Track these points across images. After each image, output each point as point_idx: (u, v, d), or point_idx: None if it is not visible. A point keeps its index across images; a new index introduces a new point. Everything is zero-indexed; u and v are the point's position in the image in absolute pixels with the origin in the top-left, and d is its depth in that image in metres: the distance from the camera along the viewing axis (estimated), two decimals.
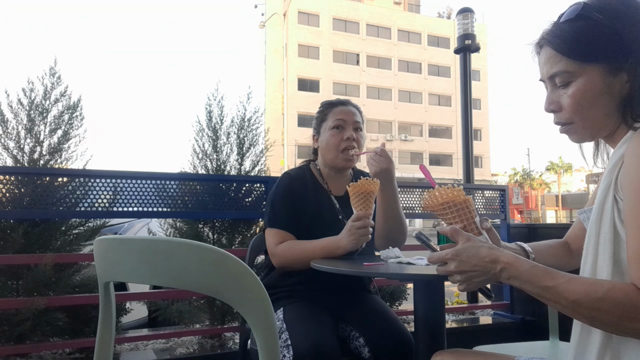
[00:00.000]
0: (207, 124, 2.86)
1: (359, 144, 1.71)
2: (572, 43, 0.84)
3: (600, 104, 0.84)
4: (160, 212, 2.39)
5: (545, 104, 0.90)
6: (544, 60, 0.89)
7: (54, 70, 2.53)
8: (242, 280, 0.74)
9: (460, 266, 0.86)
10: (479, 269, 0.84)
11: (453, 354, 1.06)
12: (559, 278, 0.76)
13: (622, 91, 0.81)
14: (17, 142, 2.39)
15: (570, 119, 0.87)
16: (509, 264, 0.81)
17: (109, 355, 0.88)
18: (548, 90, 0.90)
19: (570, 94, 0.85)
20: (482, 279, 0.85)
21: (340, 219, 1.66)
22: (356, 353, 1.48)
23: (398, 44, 39.75)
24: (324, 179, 1.74)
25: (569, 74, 0.85)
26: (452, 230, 0.90)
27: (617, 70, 0.81)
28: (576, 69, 0.84)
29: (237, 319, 2.51)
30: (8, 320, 2.07)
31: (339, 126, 1.68)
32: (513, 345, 1.61)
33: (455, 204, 1.02)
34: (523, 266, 0.80)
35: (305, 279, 1.56)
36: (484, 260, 0.84)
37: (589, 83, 0.83)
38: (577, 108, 0.85)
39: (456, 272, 0.87)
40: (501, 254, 0.83)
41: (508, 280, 0.82)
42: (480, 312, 3.23)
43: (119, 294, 2.23)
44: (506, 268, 0.81)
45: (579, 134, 0.89)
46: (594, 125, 0.86)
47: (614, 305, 0.70)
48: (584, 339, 0.82)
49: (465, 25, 3.51)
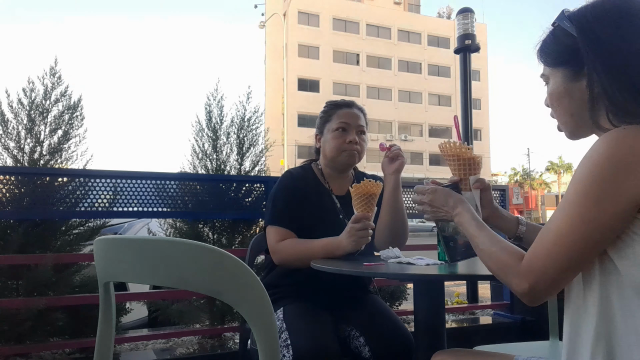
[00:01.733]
0: (206, 124, 2.86)
1: (362, 147, 1.70)
2: (543, 48, 0.93)
3: (563, 106, 0.91)
4: (160, 212, 2.39)
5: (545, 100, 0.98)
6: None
7: (54, 70, 2.53)
8: (242, 280, 0.74)
9: (431, 200, 1.12)
10: (443, 209, 1.10)
11: (453, 354, 1.06)
12: (482, 231, 0.95)
13: (583, 96, 0.86)
14: (17, 142, 2.40)
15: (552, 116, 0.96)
16: (459, 213, 1.04)
17: (109, 355, 0.88)
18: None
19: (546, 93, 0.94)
20: (442, 215, 1.10)
21: (341, 218, 1.66)
22: (356, 353, 1.48)
23: (398, 44, 39.76)
24: (326, 178, 1.74)
25: (544, 76, 0.95)
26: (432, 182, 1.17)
27: (577, 75, 0.86)
28: (547, 72, 0.93)
29: (237, 319, 2.51)
30: (8, 320, 2.07)
31: (342, 128, 1.68)
32: (513, 345, 1.61)
33: (459, 158, 1.20)
34: (466, 216, 1.02)
35: (306, 278, 1.55)
36: (448, 204, 1.08)
37: (553, 85, 0.92)
38: (551, 108, 0.95)
39: (426, 203, 1.13)
40: (461, 204, 1.05)
41: (458, 224, 1.05)
42: (480, 312, 3.23)
43: (119, 294, 2.22)
44: (457, 214, 1.05)
45: (562, 130, 0.95)
46: (565, 124, 0.93)
47: (497, 259, 0.88)
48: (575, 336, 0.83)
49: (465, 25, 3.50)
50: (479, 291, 3.42)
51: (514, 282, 0.83)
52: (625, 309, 0.75)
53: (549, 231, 0.79)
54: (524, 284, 0.80)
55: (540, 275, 0.79)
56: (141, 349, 2.33)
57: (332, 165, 1.72)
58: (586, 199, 0.75)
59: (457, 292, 4.10)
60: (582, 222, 0.75)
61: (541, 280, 0.79)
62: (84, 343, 2.19)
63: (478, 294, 3.38)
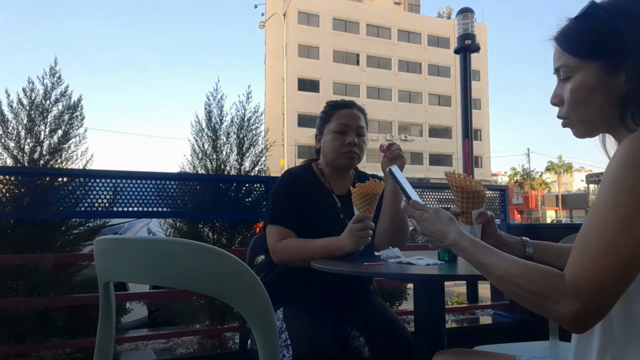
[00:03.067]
0: (206, 124, 2.86)
1: (361, 148, 1.70)
2: (573, 39, 0.85)
3: (593, 101, 0.84)
4: (160, 212, 2.39)
5: (552, 96, 0.92)
6: (553, 54, 0.90)
7: (54, 70, 2.53)
8: (242, 280, 0.74)
9: (422, 229, 1.06)
10: (437, 236, 1.02)
11: (454, 353, 1.06)
12: (491, 255, 0.85)
13: (618, 91, 0.81)
14: (17, 142, 2.40)
15: (567, 114, 0.89)
16: (453, 242, 0.96)
17: (109, 355, 0.88)
18: (556, 83, 0.92)
19: (568, 88, 0.86)
20: (439, 244, 1.03)
21: (342, 218, 1.65)
22: (356, 353, 1.48)
23: (398, 44, 39.75)
24: (326, 178, 1.73)
25: (569, 68, 0.86)
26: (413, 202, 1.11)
27: (614, 69, 0.81)
28: (575, 65, 0.85)
29: (237, 319, 2.51)
30: (8, 320, 2.07)
31: (341, 130, 1.67)
32: (513, 345, 1.61)
33: (464, 191, 1.17)
34: (464, 243, 0.92)
35: (306, 279, 1.55)
36: (437, 233, 1.01)
37: (584, 79, 0.84)
38: (572, 103, 0.86)
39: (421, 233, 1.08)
40: (450, 231, 0.97)
41: (457, 252, 0.96)
42: (480, 312, 3.23)
43: (119, 294, 2.22)
44: (452, 245, 0.97)
45: (576, 128, 0.89)
46: (588, 121, 0.87)
47: (531, 283, 0.75)
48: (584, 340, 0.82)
49: (465, 25, 3.51)
50: (479, 291, 3.42)
51: (561, 307, 0.70)
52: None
53: (596, 241, 0.70)
54: (574, 305, 0.69)
55: (594, 293, 0.69)
56: (141, 349, 2.33)
57: (331, 166, 1.71)
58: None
59: (457, 292, 4.10)
60: (636, 228, 0.68)
61: (595, 299, 0.69)
62: (84, 343, 2.19)
63: (478, 294, 3.38)
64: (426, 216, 1.05)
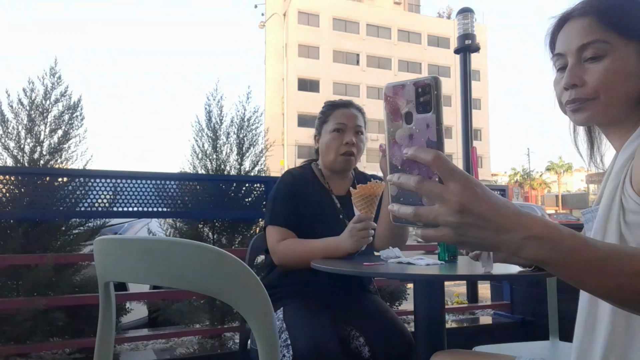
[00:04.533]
0: (206, 124, 2.86)
1: (359, 148, 1.70)
2: (619, 14, 0.79)
3: (628, 85, 0.79)
4: (160, 212, 2.39)
5: (567, 77, 0.83)
6: (575, 32, 0.83)
7: (54, 70, 2.53)
8: (242, 280, 0.74)
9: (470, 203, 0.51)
10: (493, 223, 0.52)
11: (452, 354, 1.06)
12: (616, 246, 0.60)
13: None
14: (17, 142, 2.40)
15: (593, 94, 0.81)
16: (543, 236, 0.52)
17: (109, 355, 0.88)
18: (570, 64, 0.83)
19: (603, 67, 0.80)
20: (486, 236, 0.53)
21: (341, 218, 1.66)
22: (356, 353, 1.48)
23: (398, 44, 39.75)
24: (326, 178, 1.74)
25: (606, 45, 0.79)
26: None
27: None
28: (614, 42, 0.79)
29: (237, 319, 2.51)
30: (8, 320, 2.07)
31: (339, 129, 1.67)
32: (513, 345, 1.61)
33: None
34: (563, 233, 0.53)
35: (305, 278, 1.56)
36: (506, 215, 0.52)
37: (623, 59, 0.79)
38: (607, 83, 0.79)
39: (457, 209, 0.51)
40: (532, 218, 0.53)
41: (535, 255, 0.53)
42: (480, 312, 3.23)
43: (119, 294, 2.22)
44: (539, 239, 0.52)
45: (594, 112, 0.82)
46: (615, 105, 0.80)
47: None
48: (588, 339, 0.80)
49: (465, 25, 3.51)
50: (479, 291, 3.42)
51: None
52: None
53: None
54: None
55: None
56: (141, 349, 2.33)
57: (330, 166, 1.72)
58: None
59: (457, 292, 4.10)
60: None
61: None
62: (84, 343, 2.19)
63: (478, 294, 3.38)
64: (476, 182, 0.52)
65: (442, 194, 0.52)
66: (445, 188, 0.52)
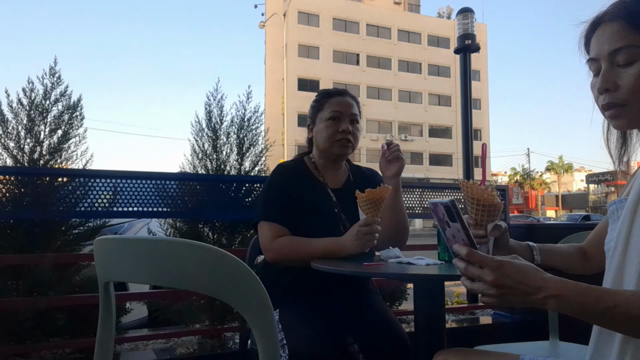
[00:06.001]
0: (206, 124, 2.86)
1: (355, 136, 1.67)
2: None
3: None
4: (160, 212, 2.39)
5: (601, 81, 0.84)
6: (606, 36, 0.83)
7: (54, 70, 2.53)
8: (242, 280, 0.74)
9: (500, 280, 0.75)
10: (521, 290, 0.74)
11: (455, 353, 1.06)
12: (622, 295, 0.70)
13: None
14: (17, 142, 2.40)
15: (626, 100, 0.82)
16: (559, 295, 0.72)
17: (109, 355, 0.88)
18: (603, 69, 0.84)
19: (633, 72, 0.80)
20: (519, 300, 0.75)
21: (337, 212, 1.62)
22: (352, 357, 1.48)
23: (398, 44, 39.74)
24: (320, 171, 1.70)
25: (638, 49, 0.80)
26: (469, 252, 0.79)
27: None
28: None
29: (237, 319, 2.51)
30: (8, 320, 2.07)
31: (335, 117, 1.64)
32: (513, 345, 1.61)
33: (479, 203, 1.08)
34: (574, 290, 0.72)
35: (302, 278, 1.53)
36: (528, 282, 0.74)
37: None
38: (637, 87, 0.80)
39: (493, 285, 0.76)
40: (549, 280, 0.74)
41: (556, 309, 0.73)
42: (480, 312, 3.23)
43: (119, 294, 2.22)
44: (555, 297, 0.72)
45: (629, 118, 0.83)
46: None
47: None
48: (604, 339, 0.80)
49: (465, 25, 3.51)
50: None
51: None
52: None
53: None
54: None
55: None
56: (141, 349, 2.33)
57: (325, 155, 1.68)
58: None
59: (457, 292, 4.10)
60: None
61: None
62: (84, 343, 2.19)
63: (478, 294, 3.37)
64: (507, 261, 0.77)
65: (481, 276, 0.77)
66: (482, 271, 0.77)
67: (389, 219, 1.61)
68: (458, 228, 0.82)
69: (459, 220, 0.81)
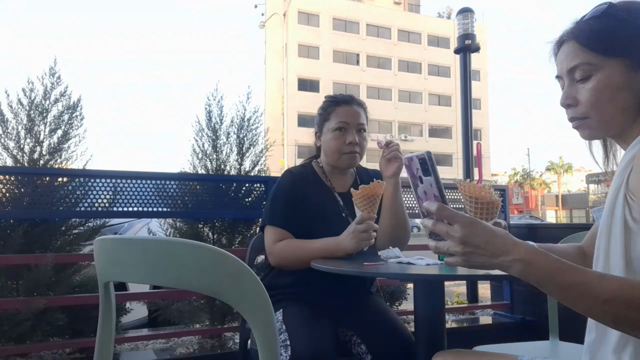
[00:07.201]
0: (206, 124, 2.86)
1: (362, 147, 1.66)
2: (596, 36, 0.85)
3: (618, 99, 0.84)
4: (160, 212, 2.39)
5: (562, 98, 0.90)
6: (564, 56, 0.89)
7: (53, 70, 2.53)
8: (242, 280, 0.74)
9: (468, 237, 0.73)
10: (488, 250, 0.73)
11: (454, 354, 1.06)
12: (588, 274, 0.70)
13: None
14: (17, 142, 2.40)
15: (586, 113, 0.87)
16: (526, 259, 0.71)
17: (109, 355, 0.88)
18: (565, 85, 0.90)
19: (590, 87, 0.85)
20: (484, 260, 0.74)
21: (344, 216, 1.63)
22: (358, 357, 1.48)
23: (398, 44, 39.75)
24: (327, 176, 1.71)
25: (590, 66, 0.85)
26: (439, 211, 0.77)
27: (639, 66, 0.82)
28: (598, 62, 0.84)
29: (237, 319, 2.51)
30: (8, 320, 2.07)
31: (341, 128, 1.63)
32: (513, 345, 1.61)
33: (477, 202, 1.08)
34: (543, 259, 0.71)
35: (305, 279, 1.54)
36: (497, 243, 0.73)
37: (609, 77, 0.83)
38: (594, 102, 0.85)
39: (460, 242, 0.74)
40: (520, 244, 0.73)
41: (520, 274, 0.72)
42: (480, 312, 3.23)
43: (119, 294, 2.22)
44: (522, 261, 0.71)
45: (592, 129, 0.88)
46: (609, 121, 0.85)
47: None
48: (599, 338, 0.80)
49: (465, 25, 3.51)
50: (479, 291, 3.42)
51: None
52: None
53: None
54: None
55: None
56: (141, 349, 2.33)
57: (333, 164, 1.69)
58: None
59: (457, 292, 4.10)
60: None
61: None
62: (84, 343, 2.19)
63: (478, 294, 3.38)
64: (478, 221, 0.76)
65: (449, 232, 0.76)
66: (451, 228, 0.75)
67: (388, 218, 1.61)
68: (431, 182, 0.79)
69: (432, 173, 0.79)
